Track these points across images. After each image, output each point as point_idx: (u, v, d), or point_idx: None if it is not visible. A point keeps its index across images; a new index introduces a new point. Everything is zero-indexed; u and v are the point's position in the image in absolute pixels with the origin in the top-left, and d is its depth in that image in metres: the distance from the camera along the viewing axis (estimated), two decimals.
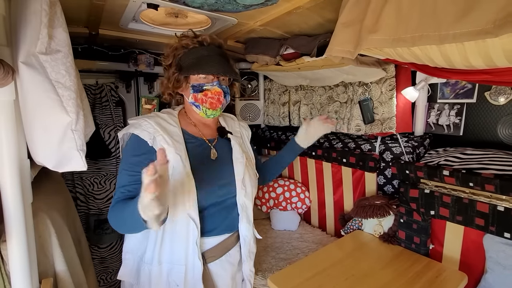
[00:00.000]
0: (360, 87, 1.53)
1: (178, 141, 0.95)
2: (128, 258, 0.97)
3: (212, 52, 0.99)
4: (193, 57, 0.98)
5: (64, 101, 0.71)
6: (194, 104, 0.99)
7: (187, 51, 0.99)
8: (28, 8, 0.68)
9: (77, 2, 1.09)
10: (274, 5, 1.09)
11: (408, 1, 0.77)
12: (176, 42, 1.01)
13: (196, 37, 1.00)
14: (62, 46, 0.73)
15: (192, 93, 0.98)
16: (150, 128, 0.92)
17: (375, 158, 1.45)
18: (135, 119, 0.97)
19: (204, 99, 0.97)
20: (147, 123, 0.94)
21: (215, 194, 0.98)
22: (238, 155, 1.06)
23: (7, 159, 0.72)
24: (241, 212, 1.05)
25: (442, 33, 0.70)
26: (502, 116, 1.20)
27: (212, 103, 0.97)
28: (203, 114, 1.00)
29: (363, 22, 0.87)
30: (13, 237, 0.74)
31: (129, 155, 0.92)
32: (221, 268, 1.03)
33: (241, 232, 1.07)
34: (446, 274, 1.10)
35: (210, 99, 0.97)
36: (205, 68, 0.95)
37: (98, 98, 1.83)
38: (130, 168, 0.89)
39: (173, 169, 0.89)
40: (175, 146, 0.92)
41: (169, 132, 0.95)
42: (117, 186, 0.91)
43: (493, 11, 0.62)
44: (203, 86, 0.97)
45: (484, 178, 0.99)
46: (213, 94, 0.97)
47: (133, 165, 0.89)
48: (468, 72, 0.91)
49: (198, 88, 0.97)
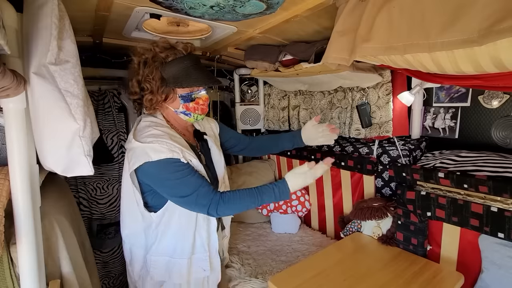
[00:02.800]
0: (358, 92, 1.57)
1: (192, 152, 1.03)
2: (158, 260, 1.07)
3: (194, 61, 1.02)
4: (177, 69, 0.99)
5: (72, 109, 0.74)
6: (185, 113, 1.05)
7: (167, 63, 0.99)
8: (39, 22, 0.72)
9: (83, 13, 1.13)
10: (273, 14, 1.13)
11: (398, 12, 0.81)
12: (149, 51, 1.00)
13: (173, 48, 1.01)
14: (70, 56, 0.77)
15: (182, 103, 1.03)
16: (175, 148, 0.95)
17: (373, 161, 1.48)
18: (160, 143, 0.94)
19: (196, 107, 1.04)
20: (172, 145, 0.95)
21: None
22: (217, 157, 1.18)
23: (18, 164, 0.75)
24: None
25: (431, 41, 0.74)
26: (496, 119, 1.23)
27: (203, 109, 1.06)
28: (193, 119, 1.07)
29: (357, 31, 0.91)
30: (22, 240, 0.77)
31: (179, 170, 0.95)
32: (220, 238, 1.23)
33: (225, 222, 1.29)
34: (443, 274, 1.12)
35: (201, 106, 1.06)
36: (199, 79, 1.00)
37: (101, 104, 1.87)
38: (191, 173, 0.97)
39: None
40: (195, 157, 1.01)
41: (185, 146, 1.01)
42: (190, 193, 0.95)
43: (477, 21, 0.66)
44: (191, 95, 1.03)
45: (478, 180, 1.02)
46: (204, 101, 1.06)
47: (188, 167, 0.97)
48: (460, 78, 0.94)
49: (188, 98, 1.03)
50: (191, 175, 0.96)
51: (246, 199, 0.99)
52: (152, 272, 1.07)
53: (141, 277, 1.11)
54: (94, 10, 1.11)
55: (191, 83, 1.00)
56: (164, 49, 1.00)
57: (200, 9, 1.07)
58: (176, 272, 1.07)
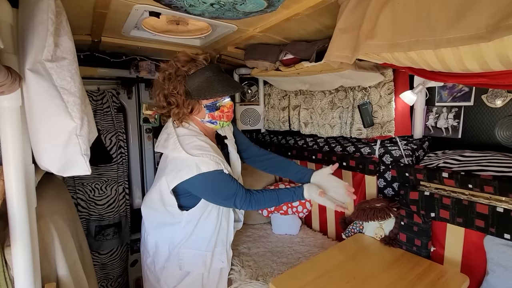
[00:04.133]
0: (359, 91, 1.55)
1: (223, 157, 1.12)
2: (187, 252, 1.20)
3: (215, 70, 1.07)
4: (199, 80, 1.04)
5: (69, 106, 0.72)
6: (211, 121, 1.11)
7: (189, 75, 1.04)
8: (35, 17, 0.70)
9: (81, 10, 1.12)
10: (274, 12, 1.12)
11: (403, 8, 0.80)
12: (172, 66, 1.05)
13: (193, 60, 1.05)
14: (67, 53, 0.75)
15: (208, 113, 1.09)
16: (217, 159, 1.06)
17: (375, 161, 1.46)
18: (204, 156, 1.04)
19: (221, 115, 1.10)
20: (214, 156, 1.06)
21: None
22: (235, 159, 1.24)
23: (13, 164, 0.73)
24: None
25: (437, 38, 0.73)
26: (500, 119, 1.21)
27: (228, 116, 1.12)
28: (219, 126, 1.14)
29: (360, 28, 0.90)
30: (17, 242, 0.74)
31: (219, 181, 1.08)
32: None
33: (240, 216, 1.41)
34: (447, 276, 1.10)
35: (226, 113, 1.11)
36: (221, 89, 1.04)
37: (100, 104, 1.85)
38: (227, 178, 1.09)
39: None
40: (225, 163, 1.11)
41: (219, 154, 1.11)
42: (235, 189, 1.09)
43: (485, 16, 0.64)
44: (216, 103, 1.07)
45: (483, 180, 1.00)
46: (228, 109, 1.11)
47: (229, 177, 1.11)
48: (464, 76, 0.93)
49: (213, 107, 1.07)
50: (231, 182, 1.09)
51: (270, 202, 1.14)
52: (181, 263, 1.19)
53: (166, 268, 1.21)
54: (92, 7, 1.10)
55: (214, 94, 1.04)
56: (185, 63, 1.04)
57: (200, 7, 1.06)
58: (201, 263, 1.21)
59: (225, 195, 1.09)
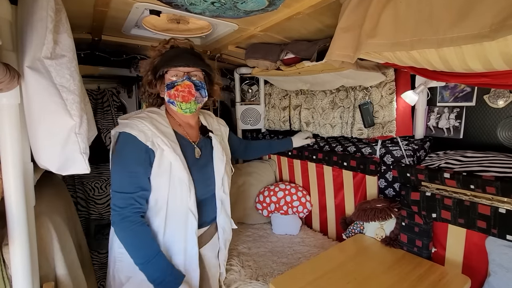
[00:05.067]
0: (360, 91, 1.54)
1: (174, 142, 1.02)
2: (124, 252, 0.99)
3: (180, 51, 1.06)
4: (163, 59, 1.04)
5: (68, 104, 0.72)
6: (170, 101, 1.04)
7: (160, 56, 1.06)
8: (35, 14, 0.69)
9: (81, 8, 1.11)
10: (275, 11, 1.11)
11: (405, 7, 0.79)
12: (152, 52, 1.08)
13: (167, 42, 1.07)
14: (66, 51, 0.74)
15: (166, 91, 1.03)
16: (148, 131, 0.97)
17: (376, 161, 1.45)
18: (128, 118, 1.01)
19: (176, 94, 1.02)
20: (143, 125, 0.97)
21: (202, 191, 1.08)
22: (220, 154, 1.14)
23: (11, 162, 0.72)
24: (220, 206, 1.16)
25: (439, 37, 0.72)
26: (502, 119, 1.20)
27: (184, 96, 1.01)
28: (179, 109, 1.04)
29: (362, 27, 0.89)
30: (15, 241, 0.74)
31: (128, 158, 0.96)
32: (208, 251, 1.19)
33: (219, 224, 1.19)
34: (449, 277, 1.09)
35: (181, 92, 1.01)
36: (170, 63, 1.01)
37: (100, 103, 1.84)
38: (132, 175, 0.96)
39: (171, 168, 0.98)
40: (173, 147, 0.99)
41: (165, 134, 1.01)
42: (116, 190, 0.96)
43: (489, 15, 0.63)
44: (174, 82, 1.02)
45: (485, 181, 0.99)
46: (183, 88, 1.01)
47: (135, 172, 0.96)
48: (467, 75, 0.92)
49: (170, 86, 1.03)
50: (134, 178, 0.94)
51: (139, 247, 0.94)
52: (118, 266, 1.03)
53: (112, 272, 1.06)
54: (92, 5, 1.09)
55: (167, 66, 1.02)
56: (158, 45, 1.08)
57: (201, 5, 1.05)
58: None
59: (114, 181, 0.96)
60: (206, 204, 1.12)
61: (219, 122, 1.33)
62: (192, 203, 1.01)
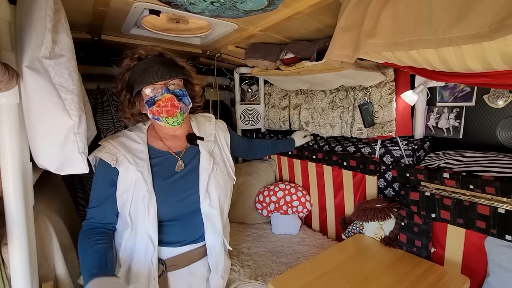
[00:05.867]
0: (360, 91, 1.54)
1: (141, 158, 0.97)
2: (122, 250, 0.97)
3: (149, 63, 0.97)
4: (135, 75, 0.97)
5: (67, 104, 0.72)
6: (154, 118, 0.98)
7: (130, 71, 0.98)
8: (33, 14, 0.69)
9: (80, 8, 1.11)
10: (274, 10, 1.11)
11: (404, 7, 0.79)
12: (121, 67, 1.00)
13: (133, 55, 0.99)
14: (65, 51, 0.74)
15: (148, 109, 0.97)
16: (113, 150, 0.95)
17: (376, 161, 1.45)
18: (103, 141, 1.00)
19: (159, 110, 0.95)
20: (110, 145, 0.96)
21: (176, 207, 0.99)
22: (205, 162, 1.05)
23: (10, 162, 0.72)
24: (206, 222, 1.02)
25: (439, 36, 0.72)
26: (501, 119, 1.20)
27: (168, 111, 0.94)
28: (167, 124, 0.98)
29: (362, 27, 0.89)
30: (14, 240, 0.74)
31: (97, 183, 0.97)
32: (181, 280, 1.01)
33: (207, 243, 1.05)
34: (448, 277, 1.09)
35: (164, 108, 0.94)
36: (142, 81, 0.94)
37: (100, 102, 1.84)
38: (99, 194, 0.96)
39: (135, 186, 0.93)
40: (136, 163, 0.94)
41: (131, 150, 0.97)
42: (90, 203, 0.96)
43: (488, 15, 0.63)
44: (154, 98, 0.95)
45: (485, 181, 0.99)
46: (165, 102, 0.94)
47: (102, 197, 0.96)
48: (467, 75, 0.92)
49: (151, 102, 0.96)
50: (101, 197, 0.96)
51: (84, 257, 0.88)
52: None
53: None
54: (92, 5, 1.09)
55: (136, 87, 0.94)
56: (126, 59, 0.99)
57: (200, 5, 1.05)
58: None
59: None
60: (183, 222, 1.01)
61: (217, 125, 1.21)
62: (150, 225, 0.92)
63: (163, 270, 0.98)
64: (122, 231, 0.97)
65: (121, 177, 0.94)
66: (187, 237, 1.02)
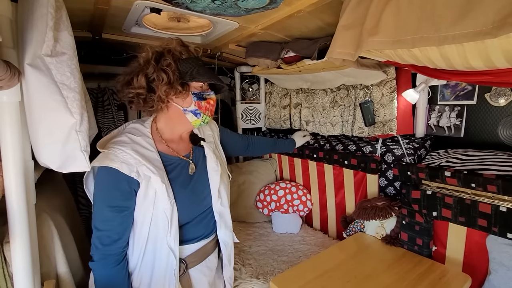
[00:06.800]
0: (361, 90, 1.54)
1: (160, 168, 0.90)
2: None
3: (202, 62, 1.00)
4: (190, 65, 0.95)
5: (68, 102, 0.71)
6: (195, 112, 0.95)
7: (182, 59, 0.94)
8: (35, 12, 0.69)
9: (81, 6, 1.11)
10: (275, 9, 1.11)
11: (407, 4, 0.79)
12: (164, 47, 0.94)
13: (186, 46, 0.97)
14: (67, 48, 0.74)
15: (195, 101, 0.95)
16: (131, 159, 0.86)
17: (377, 160, 1.45)
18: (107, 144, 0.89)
19: (207, 106, 0.98)
20: (125, 153, 0.86)
21: (193, 211, 1.00)
22: (213, 164, 1.04)
23: (12, 160, 0.72)
24: (219, 220, 1.05)
25: (441, 34, 0.72)
26: (503, 118, 1.20)
27: (212, 111, 1.00)
28: (202, 122, 0.98)
29: (364, 25, 0.89)
30: (16, 239, 0.74)
31: (111, 195, 0.85)
32: (200, 273, 1.04)
33: (221, 238, 1.08)
34: (449, 276, 1.09)
35: (211, 107, 1.00)
36: (199, 75, 0.94)
37: (100, 101, 1.84)
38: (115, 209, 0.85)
39: (155, 198, 0.87)
40: (160, 174, 0.88)
41: (149, 160, 0.89)
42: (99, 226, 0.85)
43: (491, 12, 0.63)
44: (203, 94, 0.97)
45: (486, 179, 0.99)
46: (213, 103, 1.01)
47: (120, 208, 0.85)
48: (468, 73, 0.92)
49: (200, 96, 0.96)
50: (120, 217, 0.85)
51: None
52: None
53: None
54: (93, 3, 1.09)
55: (207, 78, 0.96)
56: (179, 46, 0.95)
57: (201, 3, 1.05)
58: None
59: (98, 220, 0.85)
60: (200, 219, 1.02)
61: (210, 125, 1.20)
62: (172, 239, 0.89)
63: (185, 269, 0.98)
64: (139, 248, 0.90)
65: (141, 190, 0.86)
66: (201, 233, 1.03)
